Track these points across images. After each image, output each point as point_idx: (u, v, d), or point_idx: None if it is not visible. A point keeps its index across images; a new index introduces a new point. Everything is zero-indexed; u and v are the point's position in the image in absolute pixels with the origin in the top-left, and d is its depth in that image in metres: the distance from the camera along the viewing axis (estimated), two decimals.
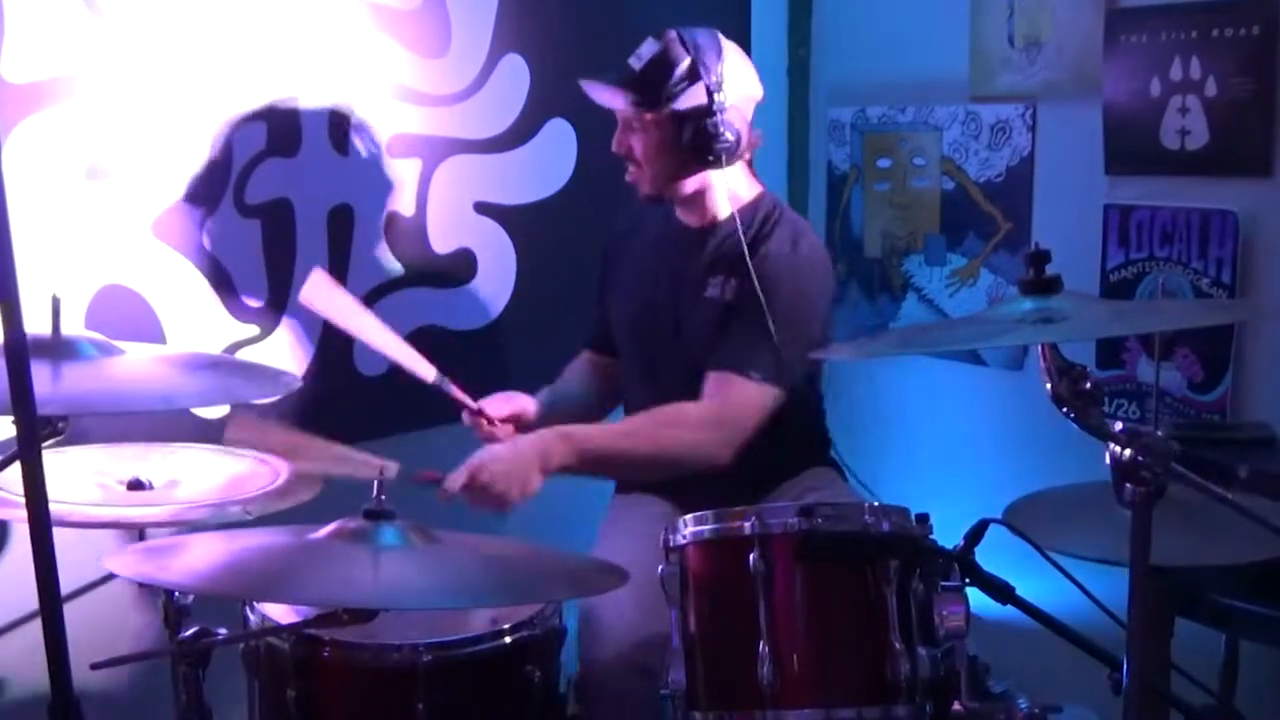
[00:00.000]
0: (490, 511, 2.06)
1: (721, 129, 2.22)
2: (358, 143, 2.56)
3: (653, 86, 2.22)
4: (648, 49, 2.24)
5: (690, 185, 2.29)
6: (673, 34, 2.24)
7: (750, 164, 2.36)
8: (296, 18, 2.44)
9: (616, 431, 2.22)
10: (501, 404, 2.36)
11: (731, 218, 2.28)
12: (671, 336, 2.33)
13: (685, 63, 2.21)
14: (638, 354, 2.43)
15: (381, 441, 2.45)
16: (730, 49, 2.27)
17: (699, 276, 2.29)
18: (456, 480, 2.01)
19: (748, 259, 2.21)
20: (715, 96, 2.21)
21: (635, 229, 2.47)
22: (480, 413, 2.32)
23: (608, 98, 2.27)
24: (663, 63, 2.22)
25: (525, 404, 2.39)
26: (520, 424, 2.35)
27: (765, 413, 2.17)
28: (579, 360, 2.58)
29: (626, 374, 2.49)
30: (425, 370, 2.26)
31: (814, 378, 2.44)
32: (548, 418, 2.37)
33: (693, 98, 2.21)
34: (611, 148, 2.31)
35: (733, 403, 2.16)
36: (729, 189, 2.30)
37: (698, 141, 2.22)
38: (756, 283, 2.19)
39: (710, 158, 2.24)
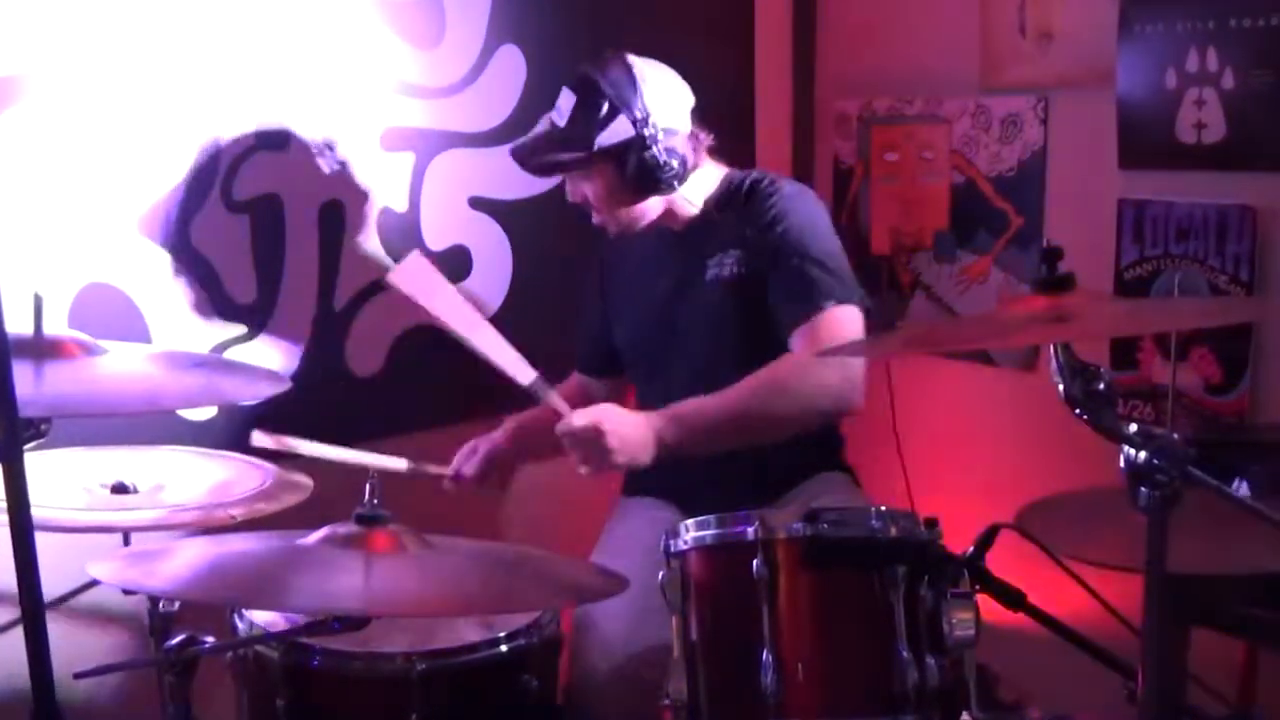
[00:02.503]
0: (586, 466, 2.08)
1: (662, 158, 2.23)
2: (350, 136, 2.56)
3: (580, 139, 2.23)
4: (565, 101, 2.26)
5: (655, 209, 2.32)
6: (583, 78, 2.25)
7: (711, 151, 2.37)
8: (286, 7, 2.44)
9: (726, 401, 2.15)
10: (480, 466, 2.38)
11: (708, 204, 2.33)
12: (677, 333, 2.34)
13: (605, 104, 2.22)
14: (650, 359, 2.43)
15: (374, 443, 2.45)
16: (645, 71, 2.26)
17: (695, 265, 2.31)
18: (580, 418, 2.06)
19: (767, 207, 2.26)
20: (644, 130, 2.22)
21: (623, 246, 2.48)
22: (458, 478, 2.36)
23: (544, 173, 2.40)
24: (583, 111, 2.23)
25: (494, 451, 2.40)
26: (495, 475, 2.40)
27: (863, 331, 2.19)
28: (568, 386, 2.58)
29: (641, 383, 2.50)
30: (523, 372, 2.18)
31: None
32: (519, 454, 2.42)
33: (619, 134, 2.22)
34: (568, 200, 2.35)
35: (831, 336, 2.15)
36: (697, 188, 2.33)
37: (643, 175, 2.24)
38: (774, 229, 2.23)
39: (662, 186, 2.26)
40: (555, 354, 2.61)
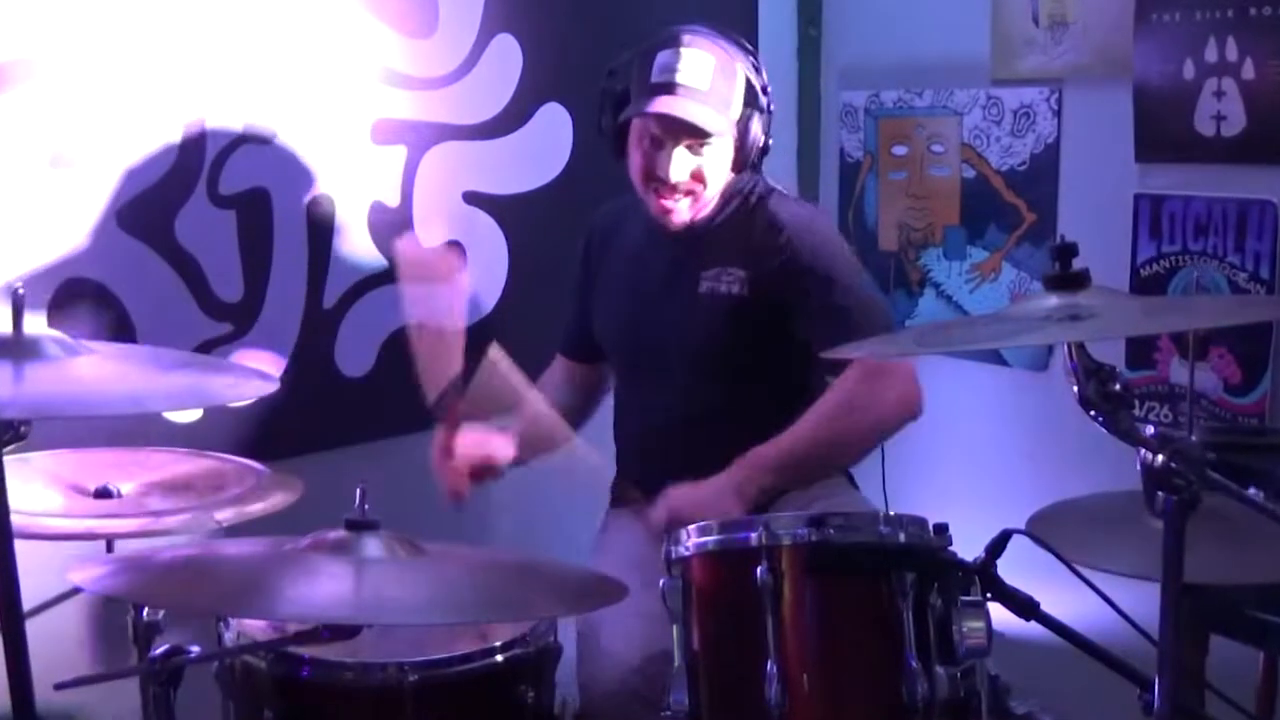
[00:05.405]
0: None
1: (765, 136, 2.24)
2: (339, 129, 2.56)
3: (721, 104, 2.18)
4: (701, 61, 2.16)
5: (722, 195, 2.28)
6: (703, 39, 2.19)
7: None
8: None
9: (800, 435, 2.17)
10: (476, 444, 2.27)
11: (716, 208, 2.29)
12: (658, 337, 2.32)
13: (738, 68, 2.20)
14: (630, 360, 2.42)
15: (364, 447, 2.46)
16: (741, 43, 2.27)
17: (689, 273, 2.28)
18: (659, 517, 2.07)
19: (779, 233, 2.22)
20: (767, 103, 2.23)
21: (615, 230, 2.45)
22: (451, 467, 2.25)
23: (686, 135, 2.16)
24: (725, 73, 2.18)
25: (498, 450, 2.29)
26: (483, 475, 2.29)
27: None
28: (553, 372, 2.56)
29: (619, 379, 2.49)
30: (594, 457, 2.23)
31: (818, 377, 2.43)
32: (523, 455, 2.32)
33: (747, 105, 2.21)
34: (669, 177, 2.18)
35: (881, 363, 2.16)
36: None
37: (752, 151, 2.23)
38: (795, 262, 2.20)
39: (754, 163, 2.26)
40: (552, 354, 2.62)
